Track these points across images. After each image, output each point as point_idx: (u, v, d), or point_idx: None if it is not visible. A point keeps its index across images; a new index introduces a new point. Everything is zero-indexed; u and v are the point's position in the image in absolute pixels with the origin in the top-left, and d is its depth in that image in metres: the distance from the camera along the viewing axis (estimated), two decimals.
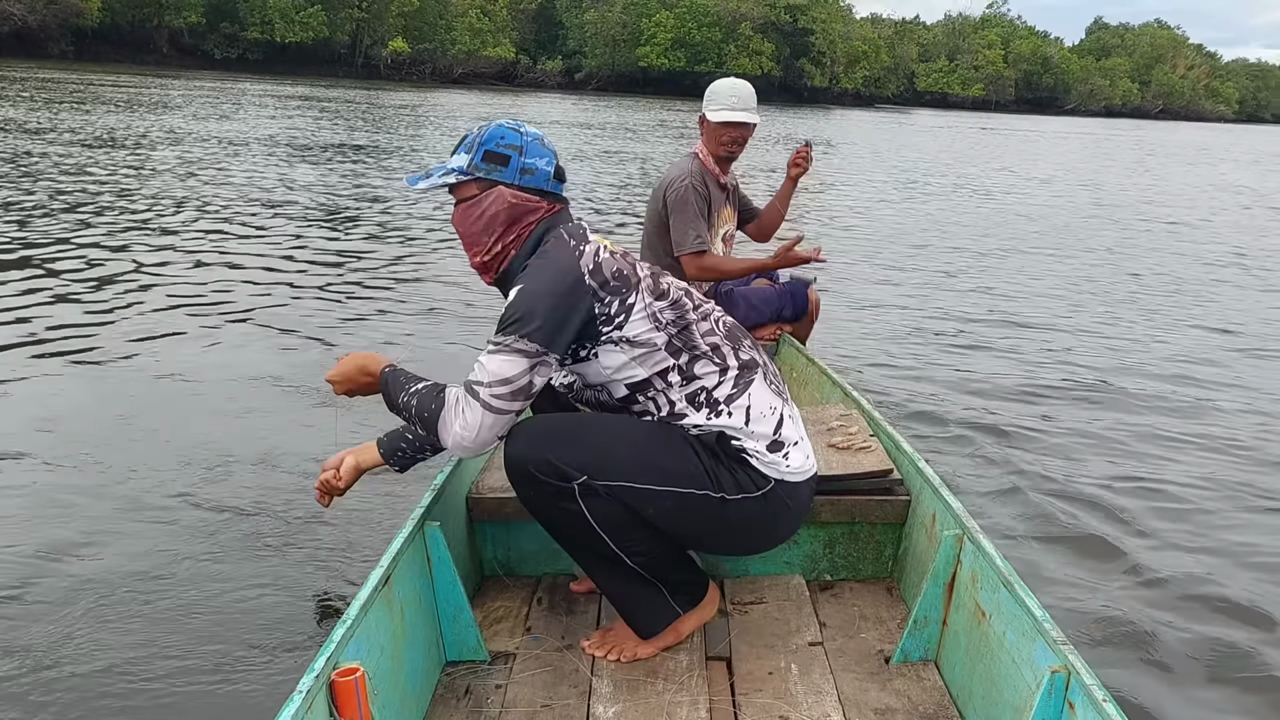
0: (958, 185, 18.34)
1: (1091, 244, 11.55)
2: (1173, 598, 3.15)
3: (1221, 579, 3.29)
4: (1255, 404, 5.44)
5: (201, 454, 3.96)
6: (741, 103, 4.04)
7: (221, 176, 12.69)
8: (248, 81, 45.22)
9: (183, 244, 8.24)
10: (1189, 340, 6.92)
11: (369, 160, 16.06)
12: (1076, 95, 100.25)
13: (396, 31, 65.28)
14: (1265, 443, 4.75)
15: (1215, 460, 4.48)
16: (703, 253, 4.05)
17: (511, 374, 2.03)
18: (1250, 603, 3.13)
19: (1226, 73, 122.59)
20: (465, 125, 26.18)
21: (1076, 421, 4.90)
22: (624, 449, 2.11)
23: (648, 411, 2.19)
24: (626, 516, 2.12)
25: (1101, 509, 3.81)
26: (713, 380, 2.16)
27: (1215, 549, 3.54)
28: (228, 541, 3.27)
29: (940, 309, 7.50)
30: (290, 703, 1.58)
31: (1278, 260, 11.12)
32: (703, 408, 2.15)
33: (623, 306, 2.12)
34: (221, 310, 6.23)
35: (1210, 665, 2.78)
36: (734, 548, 2.34)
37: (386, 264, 8.06)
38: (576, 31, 77.58)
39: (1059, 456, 4.37)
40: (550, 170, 2.22)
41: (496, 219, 2.18)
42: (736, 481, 2.14)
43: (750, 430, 2.15)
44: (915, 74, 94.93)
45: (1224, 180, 23.52)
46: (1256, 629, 2.98)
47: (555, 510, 2.14)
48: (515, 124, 2.24)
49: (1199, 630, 2.96)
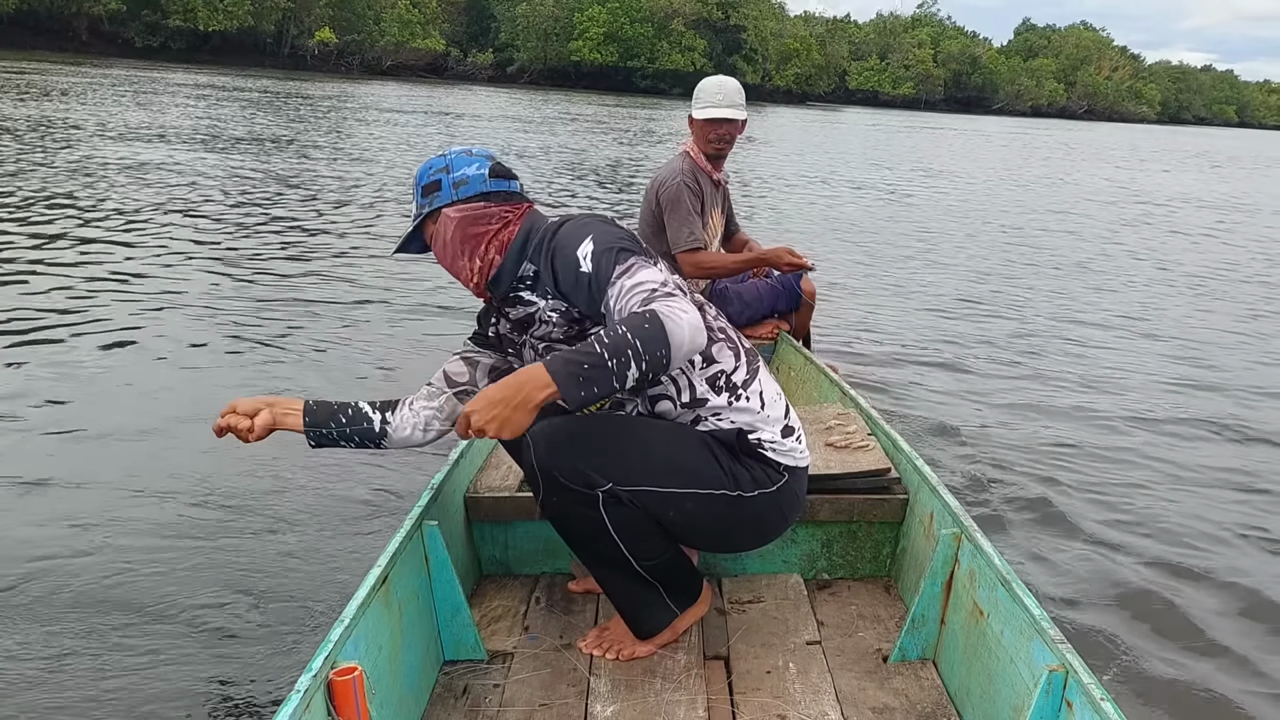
0: (879, 183, 18.57)
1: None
2: (1172, 597, 3.17)
3: (1221, 578, 3.33)
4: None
5: (191, 453, 3.95)
6: (727, 99, 4.07)
7: (129, 169, 12.29)
8: (168, 71, 43.96)
9: (85, 240, 7.97)
10: (1187, 338, 7.01)
11: (279, 155, 15.67)
12: (1004, 95, 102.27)
13: (323, 21, 63.94)
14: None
15: (1215, 459, 4.53)
16: (699, 250, 4.07)
17: (657, 278, 1.97)
18: (1250, 603, 3.17)
19: (1150, 75, 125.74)
20: (391, 118, 25.73)
21: (1071, 421, 4.94)
22: (649, 452, 2.09)
23: (667, 394, 2.15)
24: (645, 523, 2.11)
25: (1099, 507, 3.85)
26: (730, 364, 2.15)
27: (1215, 548, 3.58)
28: (224, 541, 3.28)
29: (926, 307, 7.58)
30: (288, 702, 1.57)
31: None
32: (723, 391, 2.13)
33: (655, 264, 2.10)
34: (157, 305, 6.06)
35: (1208, 664, 2.81)
36: (745, 544, 2.35)
37: (308, 256, 7.93)
38: (508, 24, 76.88)
39: (1056, 456, 4.40)
40: (483, 173, 2.19)
41: (455, 239, 2.17)
42: (754, 478, 2.14)
43: (766, 415, 2.15)
44: (847, 72, 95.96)
45: (1112, 179, 24.09)
46: (1255, 628, 3.02)
47: (576, 516, 2.11)
48: (442, 152, 2.24)
49: (1198, 629, 2.99)
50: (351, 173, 13.73)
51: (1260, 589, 3.27)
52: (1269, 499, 4.10)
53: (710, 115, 4.05)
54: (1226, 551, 3.56)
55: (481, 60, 74.42)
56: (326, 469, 3.83)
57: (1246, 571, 3.40)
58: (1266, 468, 4.45)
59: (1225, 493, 4.11)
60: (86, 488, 3.61)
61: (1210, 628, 3.00)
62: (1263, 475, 4.34)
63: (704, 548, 2.38)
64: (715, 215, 4.27)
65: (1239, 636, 2.96)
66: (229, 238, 8.47)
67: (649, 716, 2.08)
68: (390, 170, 14.43)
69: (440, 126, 24.50)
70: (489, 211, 2.16)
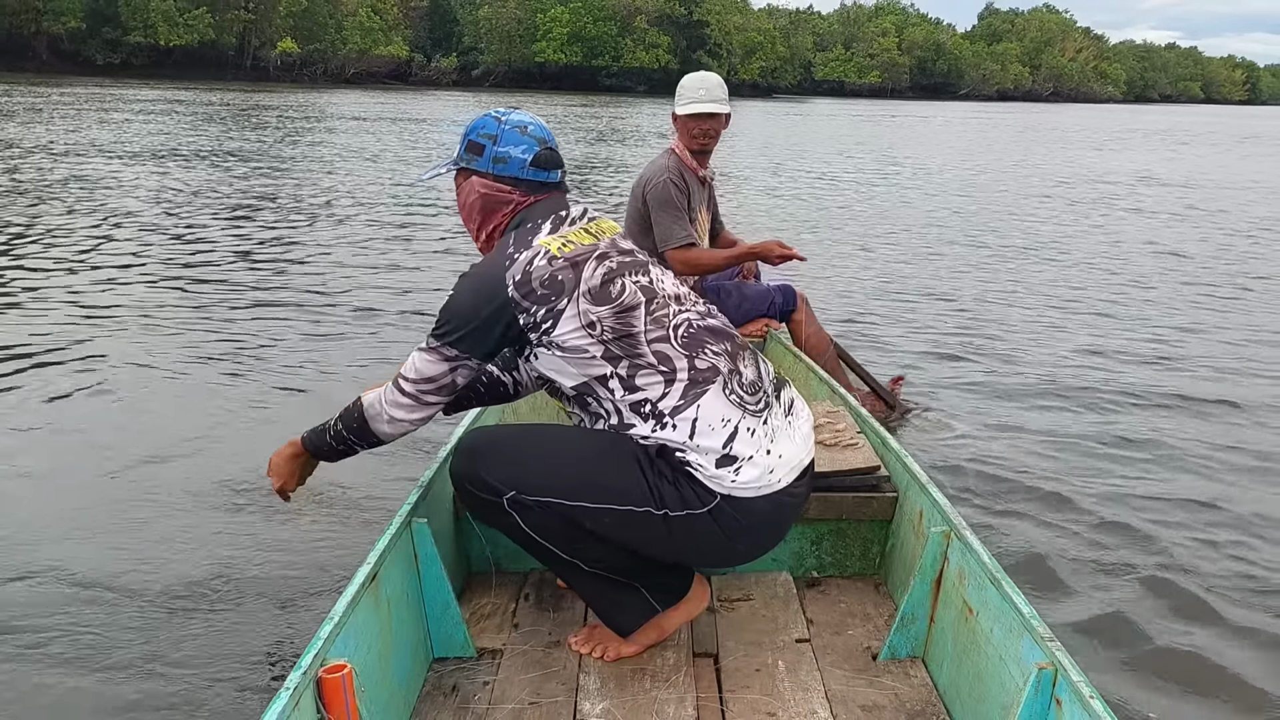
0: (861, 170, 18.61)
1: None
2: (1161, 595, 3.16)
3: (1209, 577, 3.31)
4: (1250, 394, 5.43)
5: (172, 456, 3.95)
6: (709, 94, 4.07)
7: (88, 186, 12.12)
8: (130, 87, 43.51)
9: (49, 257, 7.88)
10: (1180, 333, 6.99)
11: (240, 167, 15.53)
12: (970, 80, 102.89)
13: (285, 32, 63.58)
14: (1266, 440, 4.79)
15: (1212, 457, 4.49)
16: (688, 247, 4.06)
17: (434, 374, 2.13)
18: (1238, 601, 3.15)
19: (1114, 55, 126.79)
20: (353, 125, 25.52)
21: (1063, 420, 4.91)
22: (558, 465, 2.08)
23: (599, 414, 2.13)
24: (568, 529, 2.09)
25: (1089, 504, 3.82)
26: (656, 391, 2.06)
27: (1205, 545, 3.56)
28: (212, 539, 3.27)
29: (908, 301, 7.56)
30: (277, 699, 1.56)
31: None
32: (648, 419, 2.07)
33: (550, 313, 2.05)
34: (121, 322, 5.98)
35: (1197, 661, 2.79)
36: (692, 562, 2.28)
37: (275, 272, 7.86)
38: (471, 28, 76.68)
39: (1048, 455, 4.37)
40: (527, 158, 2.18)
41: (473, 207, 2.22)
42: (681, 497, 2.05)
43: (695, 444, 2.05)
44: (813, 63, 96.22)
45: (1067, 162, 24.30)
46: (1243, 627, 2.99)
47: (496, 521, 2.15)
48: (502, 113, 2.24)
49: (1186, 627, 2.97)
50: (310, 184, 13.53)
51: (1254, 586, 3.25)
52: (1265, 494, 4.07)
53: (693, 110, 4.05)
54: (1220, 548, 3.52)
55: (445, 65, 74.26)
56: (317, 466, 3.84)
57: (1240, 568, 3.37)
58: (1267, 466, 4.40)
59: (1223, 491, 4.05)
60: (70, 491, 3.62)
61: (1200, 625, 2.98)
62: (1263, 474, 4.30)
63: (652, 558, 2.24)
64: (702, 212, 4.26)
65: (1230, 633, 2.94)
66: (187, 253, 8.36)
67: (638, 714, 2.07)
68: (348, 178, 14.30)
69: (404, 134, 24.24)
70: (511, 198, 2.19)
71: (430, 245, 9.21)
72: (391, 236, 9.59)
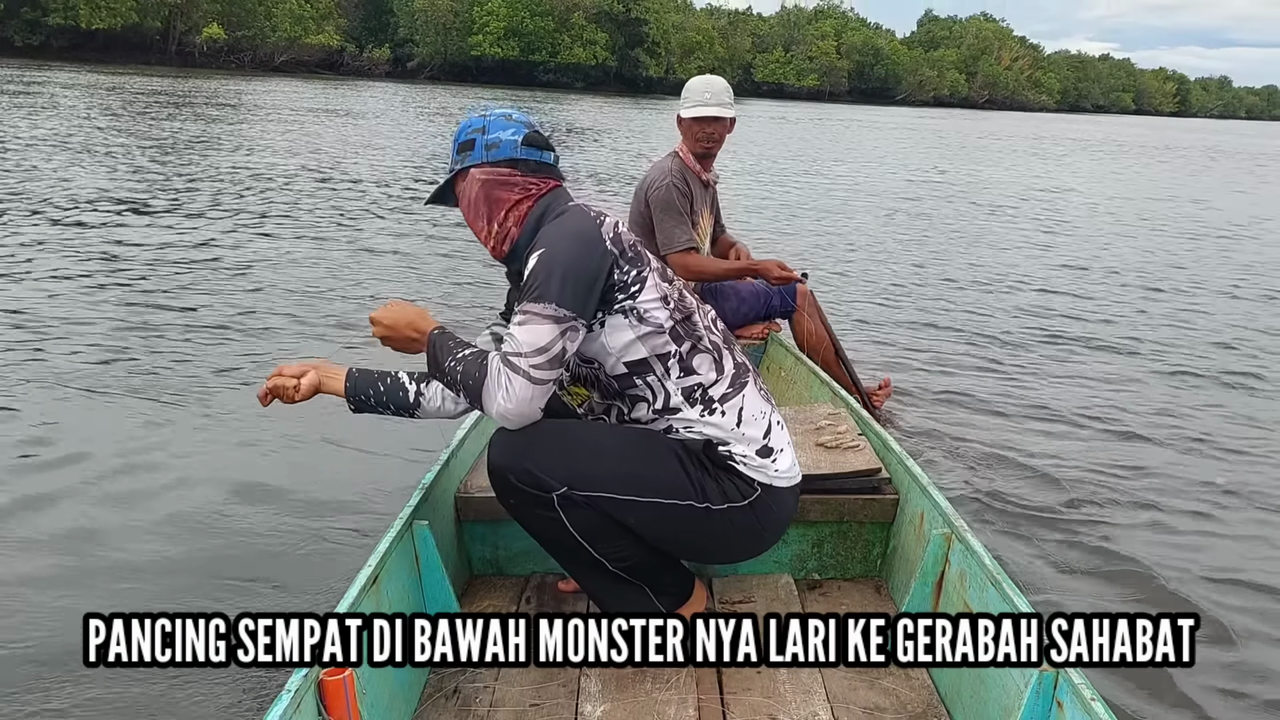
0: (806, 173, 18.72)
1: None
2: (1161, 596, 3.18)
3: (1212, 576, 3.35)
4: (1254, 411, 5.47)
5: (174, 456, 3.94)
6: (714, 98, 4.07)
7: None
8: (49, 70, 42.03)
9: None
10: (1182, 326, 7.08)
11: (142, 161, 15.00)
12: (907, 86, 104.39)
13: (211, 17, 61.93)
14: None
15: (1212, 455, 4.55)
16: (690, 251, 4.06)
17: (545, 341, 1.99)
18: (1240, 600, 3.19)
19: (1049, 64, 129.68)
20: (283, 117, 24.85)
21: (1063, 420, 4.94)
22: (606, 459, 2.07)
23: (642, 398, 2.12)
24: (607, 525, 2.09)
25: (1090, 506, 3.85)
26: (710, 377, 2.13)
27: (1206, 546, 3.59)
28: (212, 541, 3.28)
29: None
30: (279, 702, 1.57)
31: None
32: (697, 404, 2.11)
33: (638, 278, 2.08)
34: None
35: (1200, 663, 2.80)
36: (720, 557, 2.33)
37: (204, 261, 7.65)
38: (406, 19, 75.65)
39: (1045, 455, 4.39)
40: (518, 139, 2.18)
41: (479, 200, 2.19)
42: (723, 491, 2.11)
43: (741, 433, 2.13)
44: (753, 65, 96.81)
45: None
46: (1246, 628, 3.02)
47: (536, 517, 2.11)
48: (483, 109, 2.25)
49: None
50: (231, 177, 13.04)
51: (1255, 587, 3.28)
52: (1267, 495, 4.12)
53: (699, 114, 4.05)
54: (1220, 549, 3.57)
55: (378, 56, 73.05)
56: (316, 469, 3.86)
57: (1241, 570, 3.41)
58: (1266, 465, 4.46)
59: (1222, 489, 4.11)
60: (65, 493, 3.60)
61: (1206, 629, 2.99)
62: (1262, 473, 4.36)
63: (681, 557, 2.32)
64: (705, 216, 4.26)
65: (1231, 635, 2.97)
66: (106, 250, 7.97)
67: (639, 716, 2.07)
68: (274, 169, 13.90)
69: (334, 126, 23.63)
70: (513, 180, 2.17)
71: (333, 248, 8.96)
72: (299, 234, 9.11)
